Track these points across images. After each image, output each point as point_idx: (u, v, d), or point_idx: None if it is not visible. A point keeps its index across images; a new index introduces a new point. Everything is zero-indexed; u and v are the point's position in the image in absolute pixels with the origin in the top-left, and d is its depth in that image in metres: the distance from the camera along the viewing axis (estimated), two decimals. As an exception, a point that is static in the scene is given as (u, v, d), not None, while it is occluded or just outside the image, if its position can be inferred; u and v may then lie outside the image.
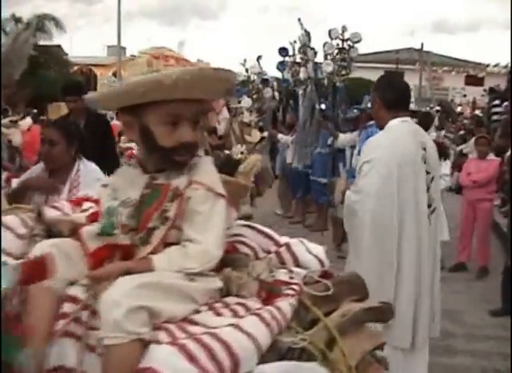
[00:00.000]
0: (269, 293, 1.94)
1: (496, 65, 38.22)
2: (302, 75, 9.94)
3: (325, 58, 9.11)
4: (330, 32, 8.82)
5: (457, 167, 10.56)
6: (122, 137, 10.69)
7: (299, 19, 9.58)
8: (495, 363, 5.11)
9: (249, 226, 2.28)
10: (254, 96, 11.97)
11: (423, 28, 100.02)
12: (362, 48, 9.13)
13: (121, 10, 31.99)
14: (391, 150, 3.57)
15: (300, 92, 10.20)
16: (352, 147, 8.87)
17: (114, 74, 38.65)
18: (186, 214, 1.92)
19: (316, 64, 9.51)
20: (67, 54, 40.50)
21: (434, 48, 41.62)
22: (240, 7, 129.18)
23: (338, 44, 8.83)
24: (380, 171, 3.51)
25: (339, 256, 8.31)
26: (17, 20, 33.71)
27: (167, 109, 1.95)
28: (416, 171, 3.55)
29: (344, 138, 8.91)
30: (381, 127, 3.81)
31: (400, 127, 3.67)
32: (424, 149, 3.63)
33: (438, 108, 24.49)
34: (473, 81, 38.73)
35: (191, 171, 2.00)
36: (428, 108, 24.50)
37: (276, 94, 12.31)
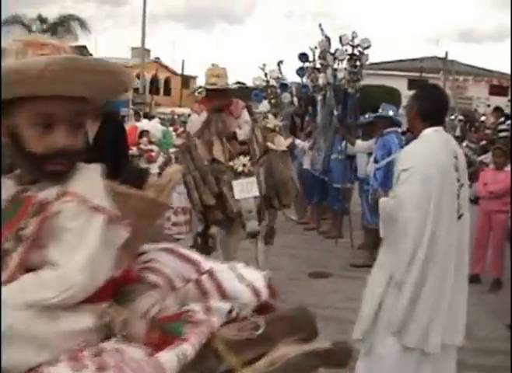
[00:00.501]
0: (165, 335, 1.55)
1: (521, 75, 37.84)
2: (321, 81, 9.92)
3: (321, 65, 9.12)
4: (341, 38, 8.79)
5: (476, 178, 10.46)
6: (143, 139, 10.62)
7: (319, 25, 9.58)
8: (500, 378, 5.03)
9: (168, 250, 1.87)
10: (273, 101, 11.95)
11: (449, 37, 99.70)
12: (387, 56, 9.11)
13: (147, 13, 32.36)
14: (427, 158, 3.72)
15: (319, 98, 10.19)
16: (369, 154, 8.82)
17: (138, 76, 38.93)
18: (53, 232, 1.54)
19: (335, 70, 9.49)
20: (91, 55, 40.85)
21: (460, 57, 41.44)
22: (266, 12, 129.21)
23: (346, 50, 8.81)
24: (419, 178, 3.65)
25: (353, 264, 8.31)
26: (43, 21, 34.05)
27: (37, 107, 1.60)
28: (450, 178, 3.71)
29: (361, 145, 8.87)
30: (415, 136, 4.00)
31: (434, 136, 3.83)
32: (456, 157, 3.79)
33: (461, 117, 24.29)
34: (498, 90, 38.36)
35: (67, 181, 1.63)
36: (452, 117, 24.27)
37: (295, 99, 12.29)
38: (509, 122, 15.28)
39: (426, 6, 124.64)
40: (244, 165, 5.82)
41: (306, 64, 11.16)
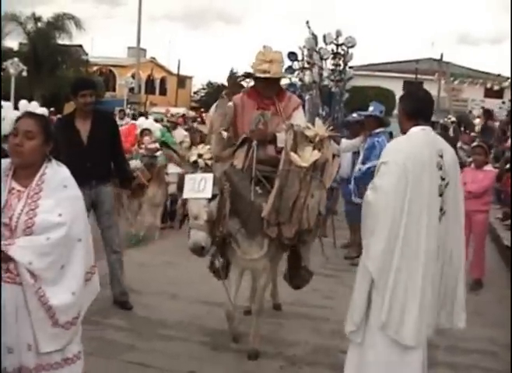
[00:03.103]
0: None
1: (516, 78, 37.86)
2: (307, 79, 9.89)
3: (308, 63, 9.06)
4: (325, 37, 8.75)
5: (466, 178, 10.45)
6: (145, 138, 10.49)
7: (307, 22, 9.52)
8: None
9: None
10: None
11: (445, 39, 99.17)
12: (382, 57, 9.10)
13: (145, 13, 32.37)
14: (405, 154, 3.84)
15: (307, 97, 10.17)
16: (353, 153, 8.81)
17: (133, 76, 38.93)
18: None
19: (321, 68, 9.47)
20: (87, 54, 40.80)
21: (456, 59, 41.40)
22: (263, 12, 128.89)
23: (332, 49, 8.76)
24: (396, 171, 3.78)
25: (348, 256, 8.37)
26: (37, 19, 34.00)
27: None
28: (430, 175, 3.82)
29: (347, 144, 8.83)
30: (403, 134, 4.13)
31: (418, 134, 3.97)
32: (441, 156, 3.90)
33: (454, 119, 24.30)
34: (492, 93, 38.36)
35: None
36: (446, 119, 24.29)
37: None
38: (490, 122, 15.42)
39: (422, 8, 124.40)
40: (200, 156, 4.46)
41: (295, 63, 11.15)
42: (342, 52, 8.83)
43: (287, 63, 11.29)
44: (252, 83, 5.42)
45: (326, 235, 9.64)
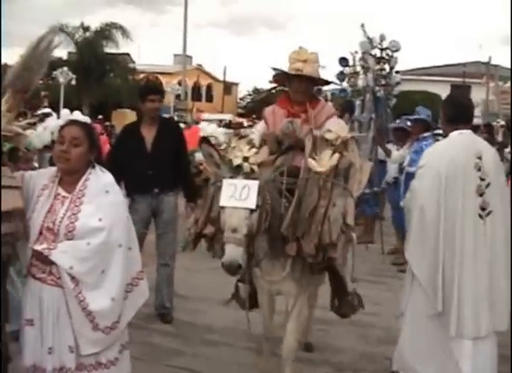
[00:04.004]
0: None
1: None
2: (360, 83, 9.74)
3: (362, 68, 8.94)
4: (369, 41, 8.64)
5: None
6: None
7: (362, 25, 9.35)
8: None
9: None
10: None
11: (493, 41, 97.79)
12: (429, 61, 8.98)
13: (190, 20, 32.62)
14: (441, 157, 4.11)
15: (357, 102, 10.02)
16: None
17: (179, 83, 39.29)
18: None
19: (378, 72, 9.30)
20: (134, 62, 41.37)
21: (505, 62, 40.58)
22: (308, 16, 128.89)
23: (375, 54, 8.64)
24: (431, 174, 4.05)
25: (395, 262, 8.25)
26: (85, 29, 34.60)
27: None
28: (466, 177, 4.02)
29: (395, 156, 8.74)
30: (446, 137, 4.34)
31: (456, 138, 4.18)
32: (479, 158, 4.07)
33: (503, 123, 23.85)
34: (543, 96, 37.52)
35: None
36: (495, 123, 23.86)
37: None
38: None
39: (469, 11, 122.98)
40: (246, 159, 3.84)
41: (346, 68, 11.03)
42: (387, 57, 8.71)
43: (338, 68, 11.24)
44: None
45: (373, 241, 9.62)
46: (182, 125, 14.60)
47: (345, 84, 11.16)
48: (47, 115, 10.22)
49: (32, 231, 3.29)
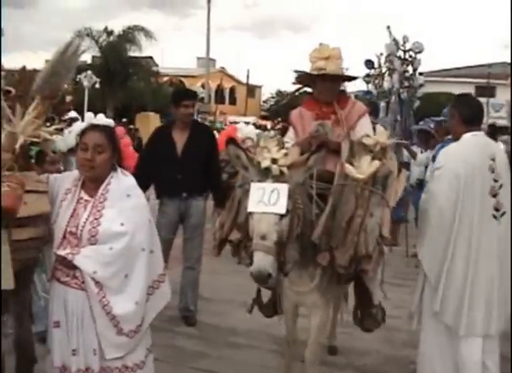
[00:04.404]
0: None
1: None
2: (386, 85, 9.68)
3: (388, 69, 8.89)
4: (395, 43, 8.60)
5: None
6: (249, 143, 10.44)
7: (388, 27, 9.32)
8: None
9: None
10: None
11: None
12: (454, 62, 8.92)
13: (213, 23, 32.71)
14: (457, 158, 4.10)
15: (382, 104, 9.96)
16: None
17: (203, 86, 39.41)
18: None
19: (403, 74, 9.27)
20: (157, 65, 41.52)
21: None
22: (331, 18, 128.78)
23: (400, 56, 8.60)
24: (447, 176, 4.05)
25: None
26: (109, 33, 34.80)
27: None
28: (481, 178, 4.04)
29: (421, 159, 8.70)
30: (455, 139, 4.34)
31: (470, 140, 4.19)
32: (493, 160, 4.10)
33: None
34: None
35: None
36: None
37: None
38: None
39: (494, 11, 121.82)
40: (275, 161, 3.59)
41: (372, 70, 10.99)
42: (410, 58, 8.66)
43: (365, 71, 11.21)
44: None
45: (397, 243, 9.56)
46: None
47: (370, 86, 11.17)
48: (74, 120, 10.31)
49: (56, 235, 3.31)
